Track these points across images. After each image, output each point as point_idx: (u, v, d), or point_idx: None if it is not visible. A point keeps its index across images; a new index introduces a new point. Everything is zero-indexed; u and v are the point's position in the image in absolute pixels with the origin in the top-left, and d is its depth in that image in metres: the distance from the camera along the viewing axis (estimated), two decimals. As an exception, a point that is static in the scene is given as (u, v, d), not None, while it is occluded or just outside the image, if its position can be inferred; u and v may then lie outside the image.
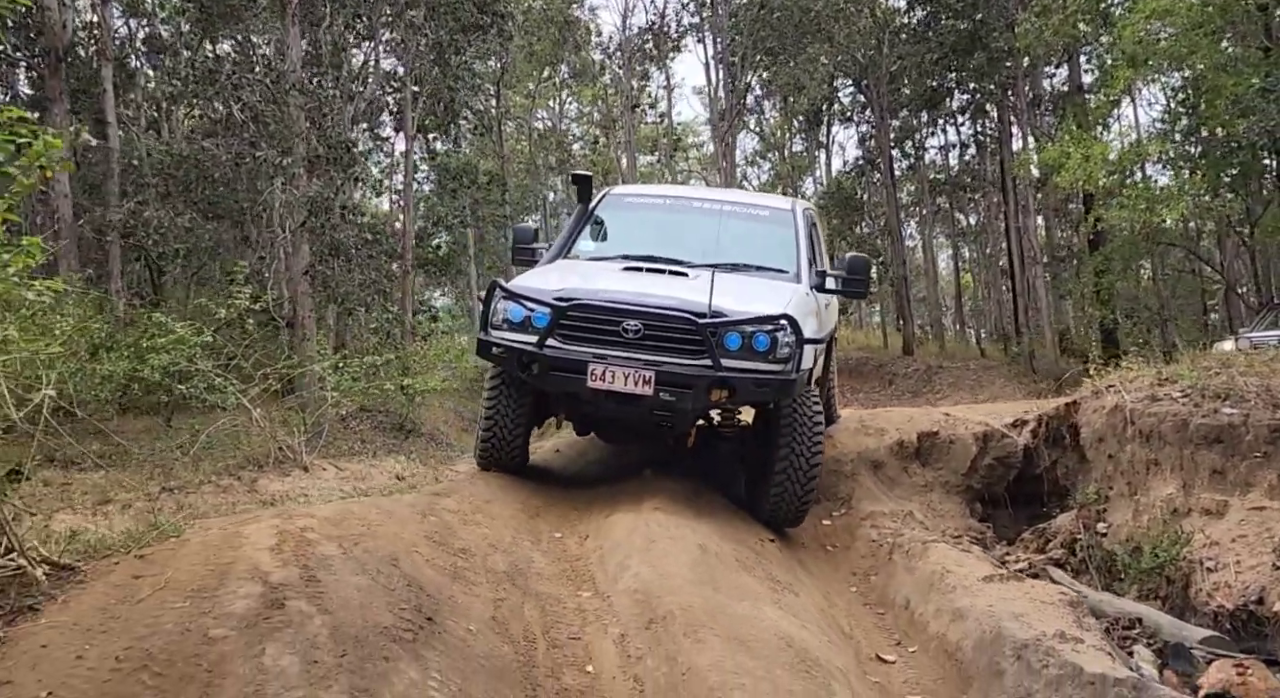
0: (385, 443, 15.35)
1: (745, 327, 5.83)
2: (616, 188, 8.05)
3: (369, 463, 12.44)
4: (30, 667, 3.12)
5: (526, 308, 6.01)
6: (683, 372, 5.77)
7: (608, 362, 5.78)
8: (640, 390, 5.74)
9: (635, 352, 5.80)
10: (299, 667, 3.23)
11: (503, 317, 6.10)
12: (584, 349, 5.87)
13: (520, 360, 5.97)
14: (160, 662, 3.17)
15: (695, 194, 8.10)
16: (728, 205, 7.58)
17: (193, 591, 3.61)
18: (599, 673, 4.13)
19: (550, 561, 5.42)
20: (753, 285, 6.44)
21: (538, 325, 5.94)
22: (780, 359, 5.86)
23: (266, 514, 4.93)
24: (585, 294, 5.98)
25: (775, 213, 7.58)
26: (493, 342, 6.11)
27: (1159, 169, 23.78)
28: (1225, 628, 5.34)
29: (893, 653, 5.17)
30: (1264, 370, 6.48)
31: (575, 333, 5.90)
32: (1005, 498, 8.02)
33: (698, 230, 7.16)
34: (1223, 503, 5.93)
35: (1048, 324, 25.17)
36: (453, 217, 26.29)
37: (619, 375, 5.74)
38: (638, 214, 7.58)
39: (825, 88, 32.18)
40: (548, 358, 5.87)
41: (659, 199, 7.82)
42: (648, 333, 5.81)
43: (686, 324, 5.78)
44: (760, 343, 5.83)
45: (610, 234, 7.36)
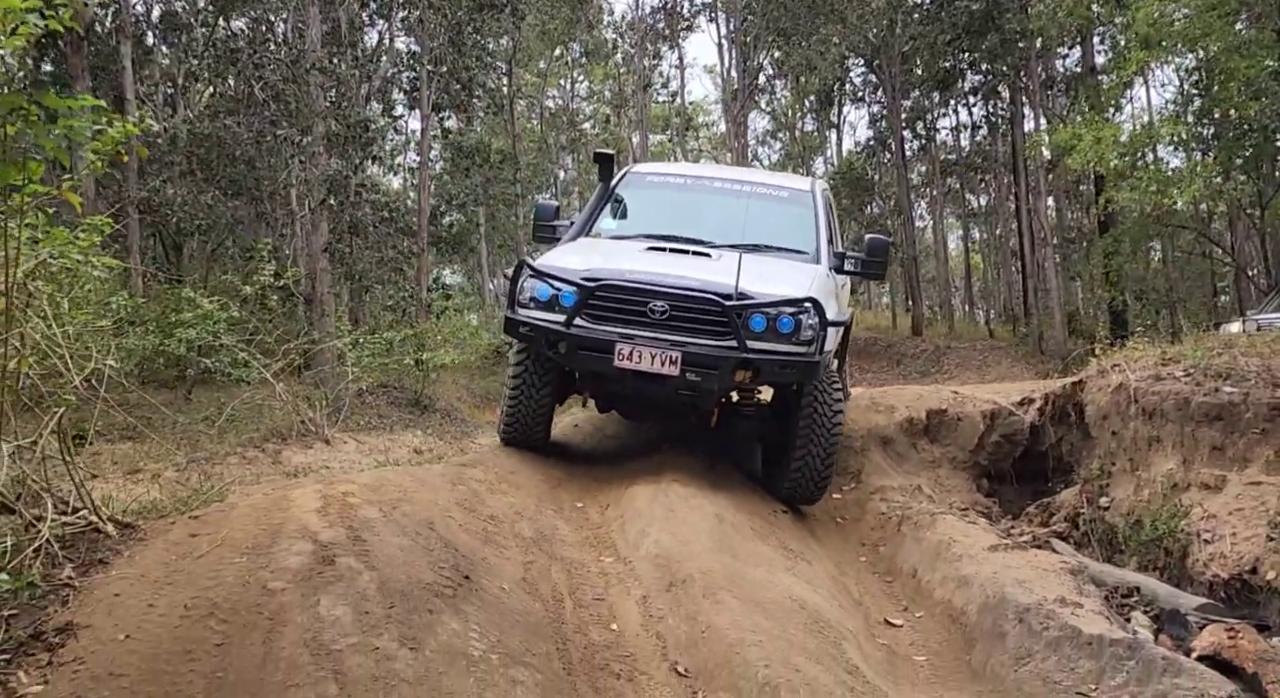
0: (401, 418, 15.63)
1: (770, 309, 5.92)
2: (638, 166, 8.11)
3: (388, 437, 12.75)
4: (107, 613, 3.37)
5: (554, 287, 6.08)
6: (708, 352, 5.86)
7: (635, 342, 5.86)
8: (667, 370, 5.83)
9: (662, 332, 5.89)
10: (351, 617, 3.47)
11: (530, 295, 6.17)
12: (611, 329, 5.94)
13: (548, 339, 6.04)
14: (225, 610, 3.42)
15: (716, 174, 8.17)
16: (747, 185, 7.66)
17: (248, 548, 3.86)
18: (623, 631, 4.37)
19: (573, 528, 5.66)
20: (776, 267, 6.52)
21: (565, 305, 6.01)
22: (804, 341, 5.95)
23: (309, 481, 5.17)
24: (612, 274, 6.04)
25: (794, 193, 7.67)
26: (520, 320, 6.17)
27: (1170, 151, 23.82)
28: (1220, 596, 5.58)
29: (900, 618, 5.41)
30: (1265, 351, 6.68)
31: (602, 313, 5.98)
32: (1011, 474, 8.25)
33: (718, 210, 7.30)
34: (1221, 478, 6.15)
35: (1057, 305, 25.27)
36: (465, 195, 26.47)
37: (646, 355, 5.83)
38: (659, 193, 7.66)
39: (837, 68, 32.18)
40: (575, 337, 5.95)
41: (680, 178, 7.87)
42: (674, 313, 5.89)
43: (713, 306, 5.87)
44: (785, 325, 5.92)
45: (631, 213, 7.48)
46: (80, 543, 3.85)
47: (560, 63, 37.79)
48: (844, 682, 4.04)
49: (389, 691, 3.19)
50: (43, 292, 4.10)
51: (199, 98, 20.42)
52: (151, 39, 22.13)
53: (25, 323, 3.92)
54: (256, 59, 14.07)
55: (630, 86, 34.26)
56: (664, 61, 35.85)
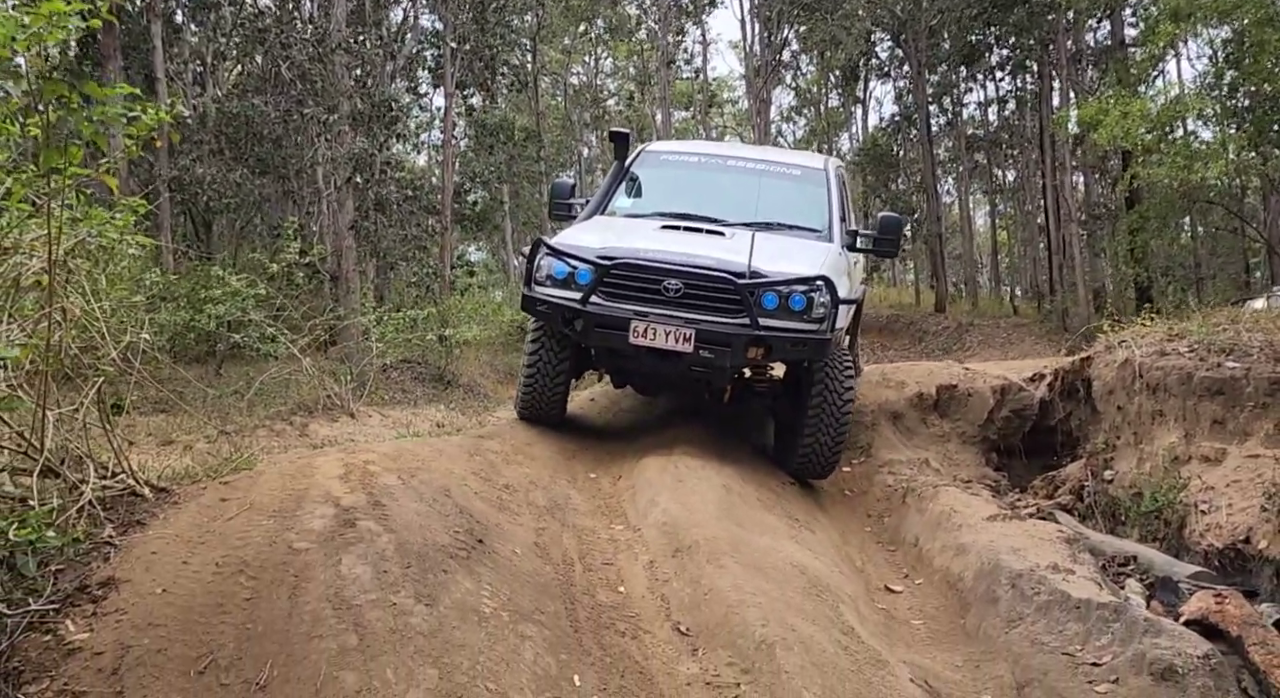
0: (425, 393, 15.95)
1: (782, 287, 6.02)
2: (652, 144, 8.19)
3: (411, 411, 13.03)
4: (145, 569, 3.63)
5: (570, 265, 6.20)
6: (722, 330, 5.98)
7: (649, 319, 5.99)
8: (681, 348, 5.97)
9: (676, 309, 6.01)
10: (371, 575, 3.71)
11: (546, 273, 6.29)
12: (626, 306, 6.07)
13: (564, 316, 6.17)
14: (254, 567, 3.67)
15: (729, 152, 8.21)
16: (761, 164, 7.77)
17: (275, 511, 4.10)
18: (629, 593, 4.58)
19: (585, 498, 5.88)
20: (788, 245, 6.62)
21: (581, 282, 6.14)
22: (816, 319, 6.05)
23: (332, 450, 5.42)
24: (627, 252, 6.16)
25: (807, 172, 7.74)
26: (537, 297, 6.31)
27: (1199, 126, 23.58)
28: (1214, 565, 5.72)
29: (900, 584, 5.60)
30: (1269, 327, 6.78)
31: (618, 290, 6.10)
32: (1020, 448, 8.38)
33: (732, 188, 7.42)
34: (1221, 451, 6.27)
35: (1082, 282, 25.20)
36: (489, 172, 26.72)
37: (660, 332, 5.97)
38: (673, 171, 7.75)
39: (862, 43, 32.04)
40: (592, 314, 6.08)
41: (694, 157, 7.92)
42: (688, 291, 6.01)
43: (725, 284, 5.97)
44: (796, 303, 6.02)
45: (646, 191, 7.57)
46: (119, 505, 4.11)
47: (584, 39, 37.82)
48: (838, 641, 4.24)
49: (404, 642, 3.42)
50: (81, 268, 4.33)
51: (227, 76, 20.72)
52: (180, 18, 22.44)
53: (65, 298, 4.16)
54: (283, 38, 14.28)
55: (654, 63, 34.25)
56: (688, 38, 35.75)
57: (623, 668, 3.87)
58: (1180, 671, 3.86)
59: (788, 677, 3.80)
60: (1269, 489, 5.72)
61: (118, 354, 4.36)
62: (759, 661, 3.93)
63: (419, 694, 3.24)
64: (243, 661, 3.30)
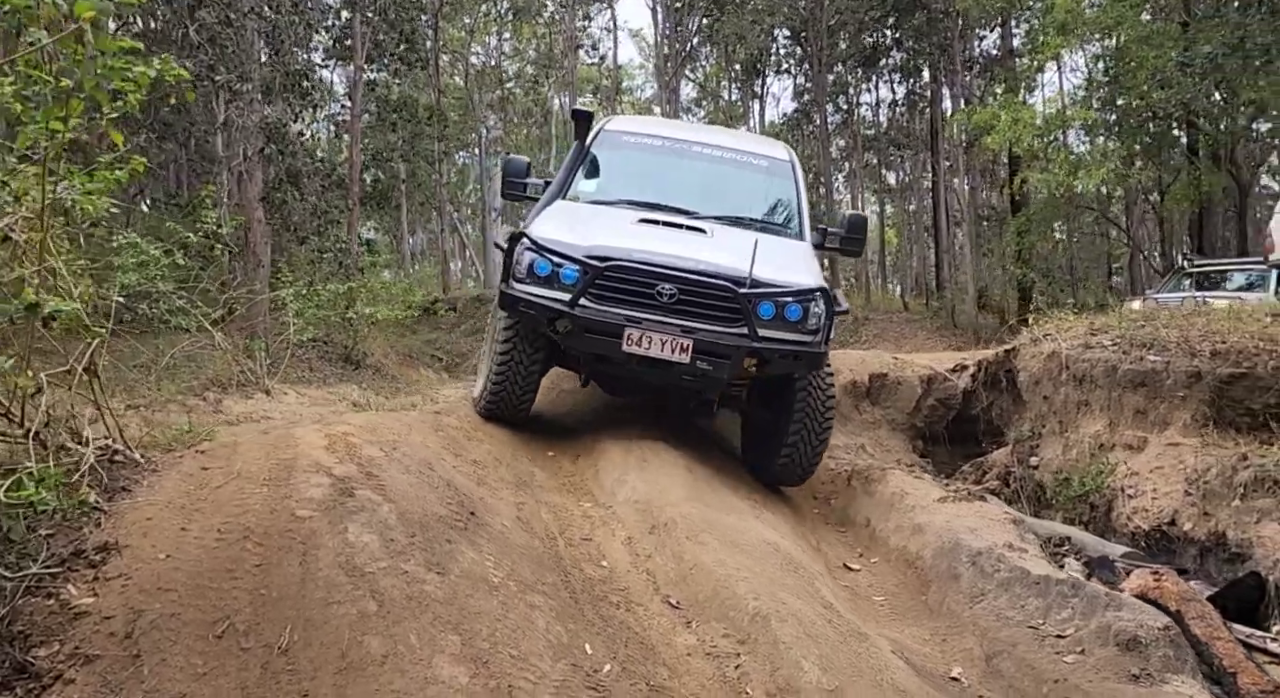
0: (334, 372, 15.62)
1: (780, 297, 5.84)
2: (611, 123, 7.73)
3: (327, 390, 12.78)
4: (142, 535, 3.54)
5: (553, 262, 5.83)
6: (721, 341, 5.73)
7: (643, 326, 5.69)
8: (677, 358, 5.70)
9: (670, 316, 5.73)
10: (379, 543, 3.69)
11: (527, 269, 5.90)
12: (618, 311, 5.74)
13: (549, 318, 5.79)
14: (258, 534, 3.61)
15: (693, 136, 7.85)
16: (728, 152, 7.52)
17: (266, 480, 4.04)
18: (613, 567, 4.64)
19: (548, 475, 5.91)
20: (775, 248, 6.31)
21: (566, 281, 5.79)
22: (811, 330, 5.90)
23: (307, 422, 5.32)
24: (618, 253, 5.80)
25: (774, 164, 7.53)
26: (517, 295, 5.89)
27: (1079, 136, 24.76)
28: (1141, 546, 6.12)
29: (857, 563, 5.80)
30: (1183, 324, 7.24)
31: (608, 293, 5.76)
32: (945, 436, 8.74)
33: (700, 177, 7.26)
34: (1143, 439, 6.70)
35: (971, 281, 26.25)
36: (390, 150, 26.19)
37: (656, 341, 5.68)
38: (636, 155, 7.38)
39: (764, 39, 32.56)
40: (582, 319, 5.73)
41: (657, 139, 7.51)
42: (683, 297, 5.74)
43: (725, 292, 5.73)
44: (793, 313, 5.85)
45: (609, 175, 7.22)
46: (98, 472, 3.98)
47: (487, 19, 37.35)
48: (822, 615, 4.39)
49: (423, 609, 3.42)
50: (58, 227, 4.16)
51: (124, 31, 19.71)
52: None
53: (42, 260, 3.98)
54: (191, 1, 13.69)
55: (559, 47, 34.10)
56: (593, 23, 35.72)
57: (625, 638, 3.94)
58: (1143, 641, 4.14)
59: (785, 647, 3.93)
60: (1190, 475, 6.14)
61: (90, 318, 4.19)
62: (754, 632, 4.05)
63: (444, 660, 3.25)
64: (260, 625, 3.26)
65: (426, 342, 25.78)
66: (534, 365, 6.27)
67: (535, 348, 6.21)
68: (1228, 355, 6.71)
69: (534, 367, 6.27)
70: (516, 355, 6.20)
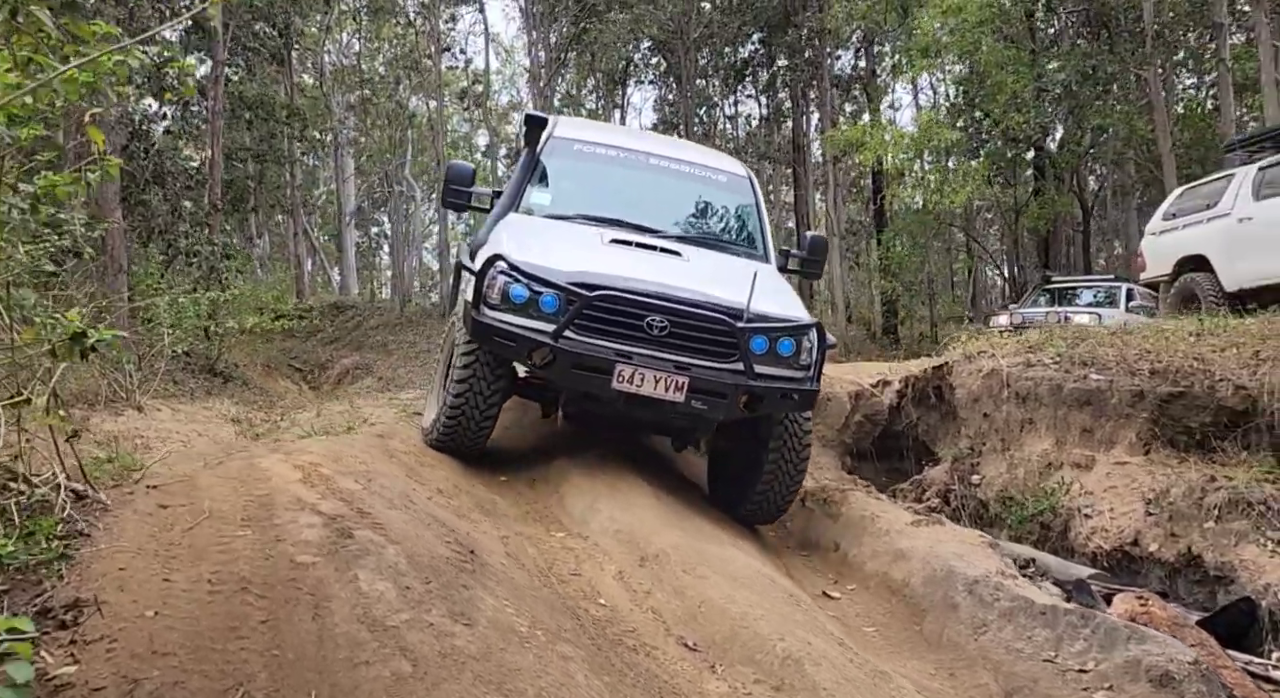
0: (201, 385, 14.60)
1: (776, 332, 5.51)
2: (560, 129, 7.13)
3: (199, 405, 11.83)
4: (118, 589, 3.01)
5: (531, 288, 5.31)
6: (718, 378, 5.33)
7: (634, 362, 5.24)
8: (671, 396, 5.25)
9: (660, 350, 5.31)
10: (395, 592, 3.25)
11: (501, 294, 5.33)
12: (606, 345, 5.27)
13: (529, 351, 5.25)
14: (258, 585, 3.12)
15: (648, 146, 7.42)
16: (685, 165, 7.16)
17: (245, 519, 3.53)
18: (614, 607, 4.27)
19: (509, 502, 5.49)
20: (759, 276, 5.87)
21: (546, 310, 5.29)
22: (803, 366, 5.61)
23: (262, 450, 4.74)
24: (603, 279, 5.34)
25: (733, 179, 7.24)
26: (492, 325, 5.29)
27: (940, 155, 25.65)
28: (1103, 567, 6.12)
29: (836, 591, 5.58)
30: (1118, 343, 7.36)
31: (594, 324, 5.29)
32: (872, 452, 8.68)
33: (659, 191, 6.90)
34: (1090, 458, 6.74)
35: (839, 294, 26.82)
36: (244, 150, 24.83)
37: (649, 378, 5.22)
38: (590, 165, 6.93)
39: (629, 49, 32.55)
40: (569, 353, 5.21)
41: (611, 149, 7.04)
42: (674, 330, 5.33)
43: (721, 325, 5.37)
44: (785, 348, 5.53)
45: (563, 187, 6.76)
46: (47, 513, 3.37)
47: (345, 17, 36.01)
48: (842, 654, 4.15)
49: (460, 667, 3.00)
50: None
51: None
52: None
53: None
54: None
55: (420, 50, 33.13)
56: (457, 25, 34.90)
57: (658, 688, 3.59)
58: (1176, 677, 4.03)
59: (826, 693, 3.66)
60: (1147, 495, 6.19)
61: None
62: (788, 677, 3.77)
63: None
64: (281, 693, 2.77)
65: (283, 351, 24.58)
66: (494, 395, 5.70)
67: (497, 376, 5.66)
68: (1166, 374, 6.84)
69: (494, 397, 5.70)
70: (476, 384, 5.62)
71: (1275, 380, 6.56)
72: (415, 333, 27.00)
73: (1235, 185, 11.49)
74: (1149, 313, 18.47)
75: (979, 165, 22.73)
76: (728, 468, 6.34)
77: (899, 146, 22.17)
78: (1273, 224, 10.48)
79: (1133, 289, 19.63)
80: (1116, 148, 25.27)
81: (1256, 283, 10.59)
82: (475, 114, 43.79)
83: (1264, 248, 10.55)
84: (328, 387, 23.43)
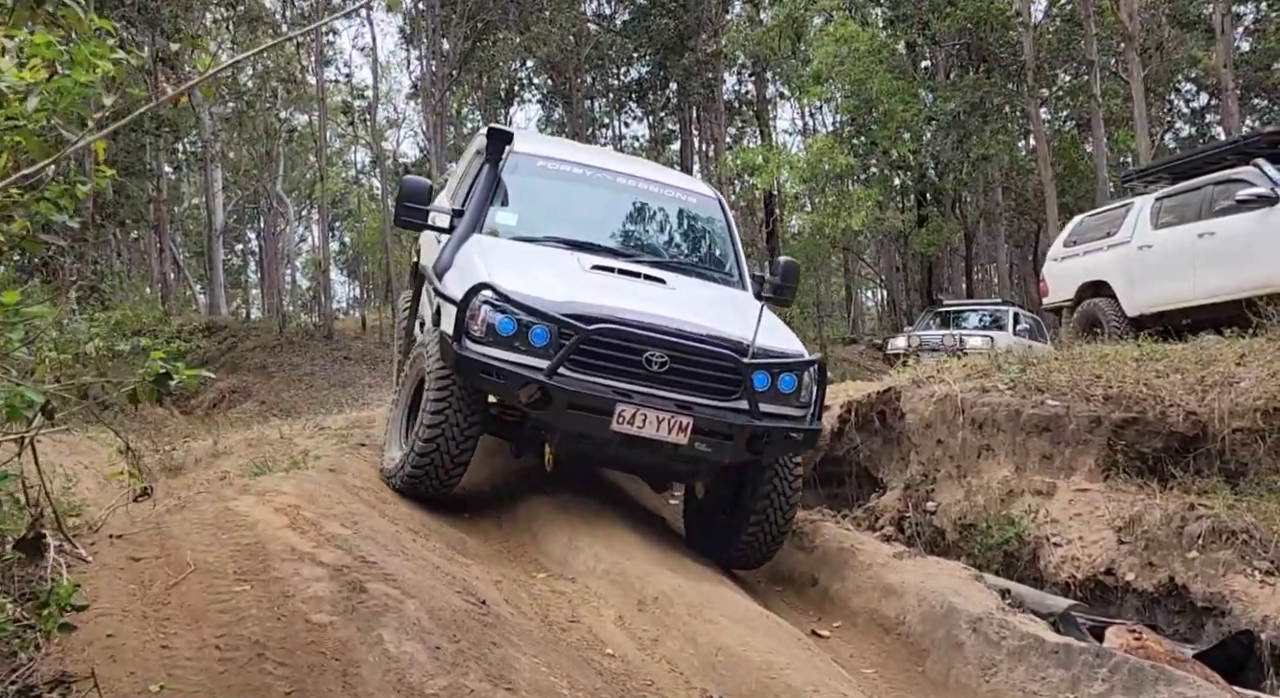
0: (73, 413, 13.44)
1: (778, 367, 5.23)
2: (520, 143, 6.67)
3: (83, 436, 10.87)
4: (110, 659, 2.58)
5: (520, 321, 4.89)
6: (721, 418, 5.02)
7: (635, 401, 4.86)
8: (674, 438, 4.89)
9: (659, 387, 4.97)
10: (425, 654, 2.90)
11: (486, 326, 4.89)
12: (603, 382, 4.90)
13: (523, 391, 4.82)
14: (275, 650, 2.72)
15: (613, 165, 7.04)
16: (654, 185, 6.80)
17: (238, 573, 3.11)
18: (624, 657, 3.94)
19: (479, 541, 5.14)
20: (750, 308, 5.79)
21: (536, 344, 4.88)
22: (803, 404, 5.34)
23: (233, 492, 4.22)
24: (598, 310, 5.00)
25: (703, 201, 6.94)
26: (478, 361, 4.84)
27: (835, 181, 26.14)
28: (1076, 596, 6.03)
29: (824, 629, 5.32)
30: (1069, 368, 7.36)
31: (590, 360, 4.92)
32: (815, 478, 8.48)
33: (629, 213, 6.54)
34: (1051, 485, 6.68)
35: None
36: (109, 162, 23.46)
37: (651, 419, 4.85)
38: (555, 184, 6.51)
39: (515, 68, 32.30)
40: (566, 391, 4.81)
41: (576, 167, 6.64)
42: (674, 366, 4.99)
43: (725, 361, 5.07)
44: (786, 384, 5.25)
45: (528, 207, 6.31)
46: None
47: (220, 27, 34.51)
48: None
49: (514, 743, 2.60)
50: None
51: None
52: None
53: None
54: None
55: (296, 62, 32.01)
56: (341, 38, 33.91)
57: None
58: (1215, 720, 3.89)
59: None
60: (1116, 523, 6.15)
61: None
62: (833, 735, 3.47)
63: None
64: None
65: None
66: (469, 434, 5.17)
67: (472, 412, 5.15)
68: (1119, 400, 6.86)
69: (469, 437, 5.18)
70: (450, 425, 5.09)
71: (1224, 406, 6.64)
72: (298, 355, 25.91)
73: (1134, 214, 11.86)
74: (1035, 337, 19.12)
75: (872, 191, 23.20)
76: (709, 511, 5.95)
77: (796, 171, 22.43)
78: (1170, 252, 10.83)
79: (1019, 313, 20.31)
80: (992, 176, 26.24)
81: (1156, 308, 10.95)
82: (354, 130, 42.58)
83: (1163, 274, 10.90)
84: (201, 411, 22.20)
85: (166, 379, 2.74)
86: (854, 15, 24.73)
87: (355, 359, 25.01)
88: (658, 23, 25.66)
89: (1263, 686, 4.92)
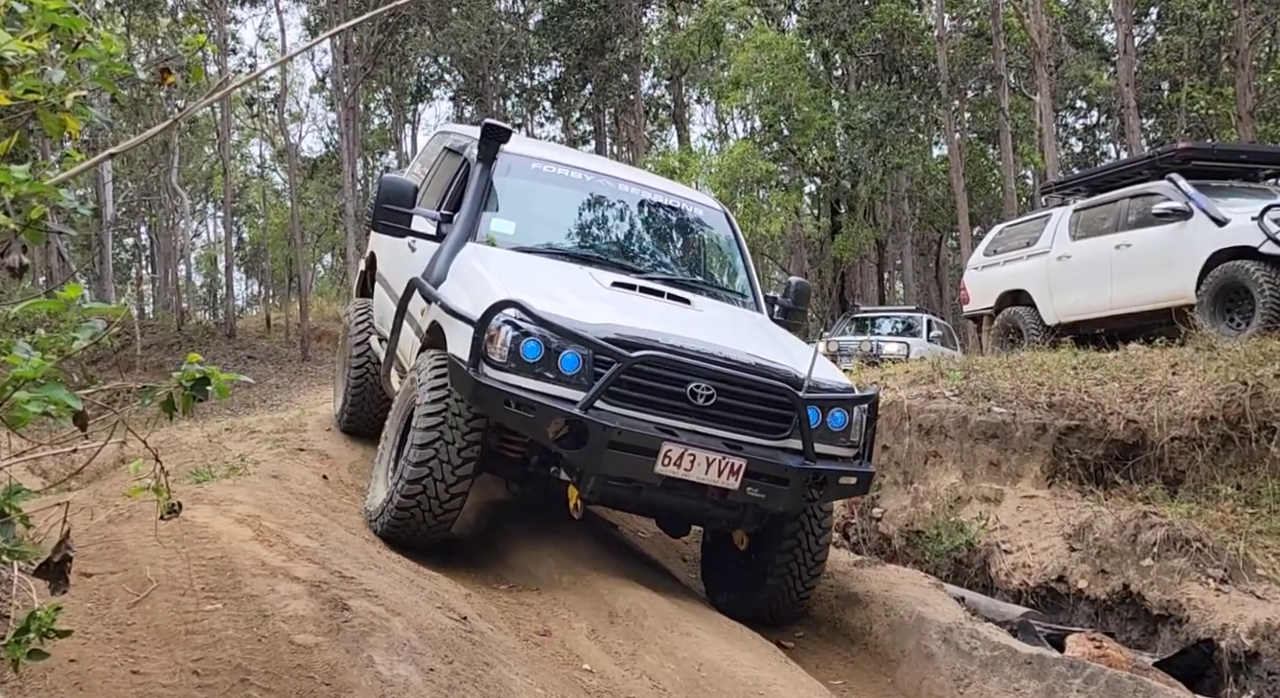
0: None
1: (831, 403, 4.68)
2: (513, 145, 5.90)
3: None
4: (76, 687, 2.29)
5: (549, 345, 4.25)
6: (777, 460, 4.43)
7: (681, 440, 4.25)
8: (724, 482, 4.29)
9: (705, 424, 4.39)
10: (419, 677, 2.70)
11: (509, 349, 4.23)
12: (644, 417, 4.29)
13: (556, 428, 4.17)
14: (260, 674, 2.49)
15: (612, 171, 6.43)
16: (658, 194, 6.22)
17: (207, 590, 2.87)
18: (603, 673, 3.75)
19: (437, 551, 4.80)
20: (779, 333, 5.36)
21: (565, 372, 4.24)
22: (853, 444, 4.79)
23: (188, 501, 3.87)
24: (635, 334, 4.39)
25: (710, 213, 6.35)
26: (501, 390, 4.17)
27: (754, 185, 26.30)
28: (1028, 603, 6.04)
29: (786, 639, 5.18)
30: (1009, 375, 7.43)
31: (628, 392, 4.31)
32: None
33: (635, 224, 6.04)
34: (999, 491, 6.72)
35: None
36: None
37: (700, 460, 4.23)
38: (553, 189, 5.90)
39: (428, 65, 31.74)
40: (607, 427, 4.14)
41: (574, 171, 6.02)
42: (720, 400, 4.40)
43: (780, 396, 4.49)
44: (837, 421, 4.69)
45: (524, 213, 5.71)
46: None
47: (112, 11, 33.08)
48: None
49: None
50: None
51: None
52: None
53: None
54: None
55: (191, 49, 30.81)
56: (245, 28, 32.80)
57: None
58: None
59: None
60: (1065, 529, 6.19)
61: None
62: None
63: None
64: None
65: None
66: (463, 473, 4.45)
67: (468, 446, 4.44)
68: (1062, 408, 6.94)
69: (463, 478, 4.46)
70: (441, 461, 4.38)
71: (1162, 414, 6.77)
72: (199, 352, 24.90)
73: (1053, 225, 12.10)
74: (946, 343, 19.49)
75: (791, 196, 23.40)
76: (727, 556, 5.31)
77: (714, 175, 22.48)
78: (1088, 262, 11.07)
79: (932, 320, 20.68)
80: (901, 185, 26.78)
81: (1074, 317, 11.19)
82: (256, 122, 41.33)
83: (1080, 284, 11.13)
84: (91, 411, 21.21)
85: (204, 385, 2.39)
86: (771, 23, 24.99)
87: (260, 358, 24.17)
88: (577, 23, 25.42)
89: (1222, 694, 4.97)
